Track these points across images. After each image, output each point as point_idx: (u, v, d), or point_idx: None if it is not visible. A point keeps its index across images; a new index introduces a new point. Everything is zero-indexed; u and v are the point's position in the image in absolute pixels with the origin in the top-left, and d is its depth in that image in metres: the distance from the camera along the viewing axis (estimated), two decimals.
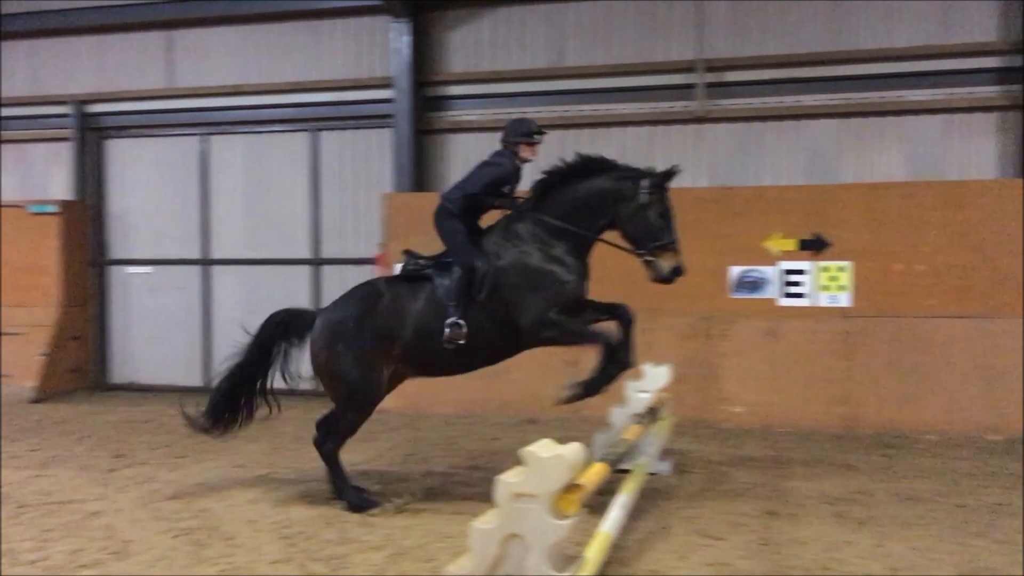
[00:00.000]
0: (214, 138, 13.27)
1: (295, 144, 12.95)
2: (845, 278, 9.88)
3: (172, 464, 7.84)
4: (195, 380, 13.00)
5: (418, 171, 12.22)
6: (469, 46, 12.29)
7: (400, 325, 6.34)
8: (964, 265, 9.67)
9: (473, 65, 12.27)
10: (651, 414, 6.73)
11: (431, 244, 11.20)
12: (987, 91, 10.69)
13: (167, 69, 13.35)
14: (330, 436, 6.50)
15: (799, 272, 10.04)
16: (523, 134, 6.60)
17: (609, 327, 6.30)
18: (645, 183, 6.24)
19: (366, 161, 12.69)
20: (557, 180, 6.37)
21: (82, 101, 13.53)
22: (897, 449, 8.50)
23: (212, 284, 13.27)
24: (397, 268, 11.29)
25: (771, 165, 11.25)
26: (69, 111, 13.50)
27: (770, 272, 10.08)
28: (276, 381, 6.84)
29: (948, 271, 9.69)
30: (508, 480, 3.37)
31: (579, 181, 6.33)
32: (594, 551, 4.25)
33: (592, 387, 6.14)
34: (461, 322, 6.11)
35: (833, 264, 9.93)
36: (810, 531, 5.61)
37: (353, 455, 8.05)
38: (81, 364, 13.32)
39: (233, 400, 6.73)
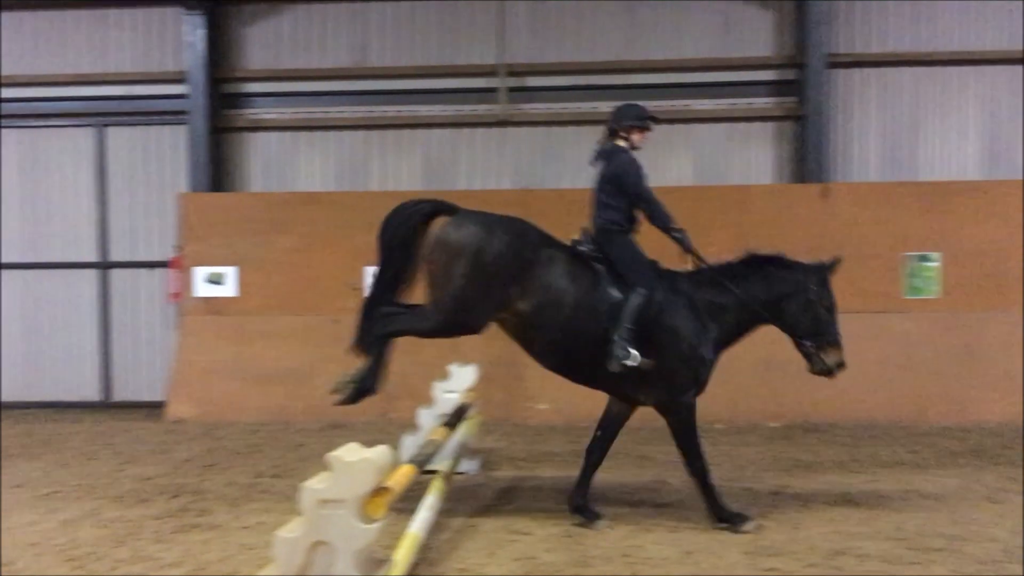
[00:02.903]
0: None
1: (79, 140, 12.14)
2: None
3: None
4: None
5: (215, 170, 11.79)
6: (269, 42, 11.97)
7: (536, 291, 5.70)
8: None
9: (273, 62, 11.96)
10: (458, 414, 6.78)
11: (232, 246, 10.93)
12: (765, 102, 11.54)
13: None
14: (403, 319, 5.75)
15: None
16: (638, 118, 6.18)
17: None
18: (812, 279, 6.04)
19: (159, 159, 12.09)
20: (750, 262, 6.12)
21: None
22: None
23: None
24: (195, 271, 10.93)
25: (572, 168, 11.62)
26: None
27: None
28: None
29: None
30: (313, 487, 3.30)
31: (764, 268, 6.09)
32: (403, 553, 4.24)
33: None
34: (636, 354, 5.60)
35: None
36: (611, 520, 5.82)
37: (146, 468, 7.67)
38: None
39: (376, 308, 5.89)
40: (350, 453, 3.37)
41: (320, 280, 10.87)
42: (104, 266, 12.06)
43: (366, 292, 5.98)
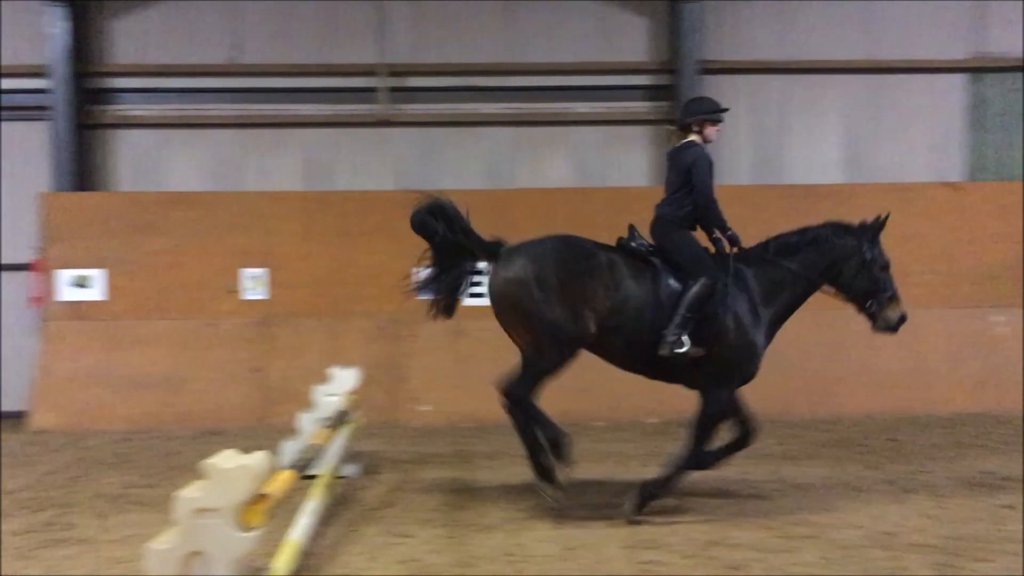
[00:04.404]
0: None
1: None
2: None
3: None
4: None
5: (80, 169, 11.28)
6: (137, 36, 11.54)
7: (607, 294, 5.84)
8: None
9: (141, 57, 11.54)
10: (340, 417, 6.69)
11: (98, 248, 10.47)
12: (639, 106, 11.83)
13: None
14: (520, 380, 5.85)
15: (481, 272, 10.43)
16: (710, 111, 6.22)
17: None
18: (865, 240, 6.22)
19: (18, 157, 11.45)
20: (796, 234, 6.28)
21: None
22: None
23: None
24: (61, 274, 10.41)
25: (453, 169, 11.64)
26: None
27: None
28: None
29: None
30: (188, 495, 3.20)
31: (815, 237, 6.25)
32: (282, 561, 4.16)
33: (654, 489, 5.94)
34: (687, 341, 5.75)
35: None
36: (494, 520, 5.86)
37: (7, 481, 7.30)
38: None
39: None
40: (226, 460, 3.29)
41: (193, 283, 10.53)
42: None
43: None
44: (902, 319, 6.26)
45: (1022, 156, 12.06)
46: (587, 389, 10.21)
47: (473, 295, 10.40)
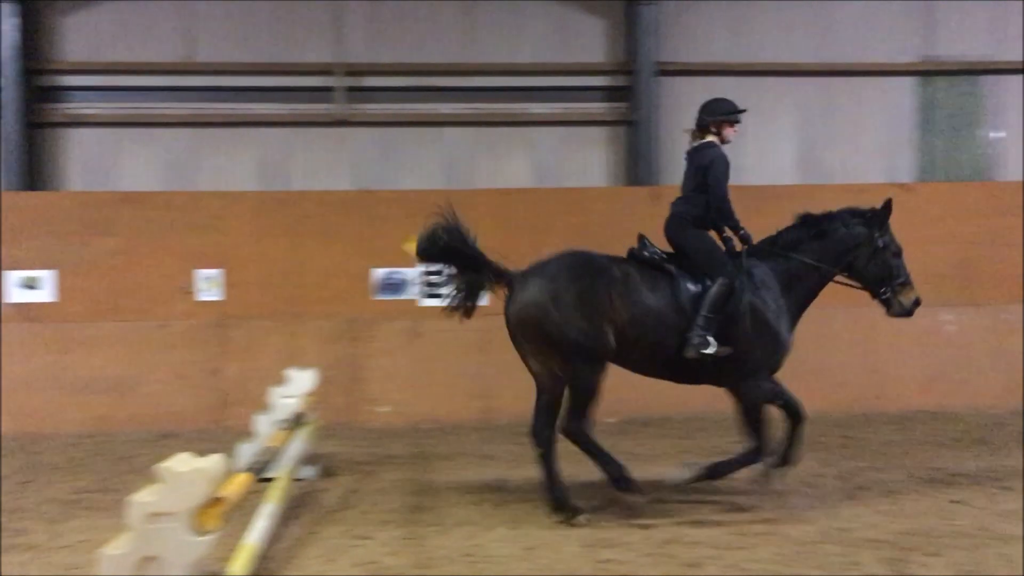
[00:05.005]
0: None
1: None
2: None
3: None
4: None
5: (30, 168, 11.09)
6: (89, 33, 11.37)
7: (625, 307, 5.85)
8: None
9: (93, 54, 11.36)
10: (297, 419, 6.63)
11: (48, 249, 10.25)
12: (597, 107, 11.91)
13: None
14: (572, 414, 5.94)
15: (438, 273, 10.42)
16: (728, 112, 6.25)
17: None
18: (875, 227, 6.27)
19: None
20: (804, 225, 6.32)
21: None
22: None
23: None
24: (9, 275, 10.18)
25: (411, 169, 11.61)
26: None
27: (411, 274, 10.35)
28: None
29: None
30: (142, 500, 3.15)
31: (825, 227, 6.28)
32: (239, 565, 4.12)
33: (719, 471, 6.12)
34: (714, 342, 5.80)
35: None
36: (453, 521, 5.85)
37: None
38: None
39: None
40: (181, 463, 3.25)
41: (146, 284, 10.34)
42: None
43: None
44: (916, 303, 6.39)
45: (970, 158, 12.35)
46: None
47: (431, 296, 10.48)
